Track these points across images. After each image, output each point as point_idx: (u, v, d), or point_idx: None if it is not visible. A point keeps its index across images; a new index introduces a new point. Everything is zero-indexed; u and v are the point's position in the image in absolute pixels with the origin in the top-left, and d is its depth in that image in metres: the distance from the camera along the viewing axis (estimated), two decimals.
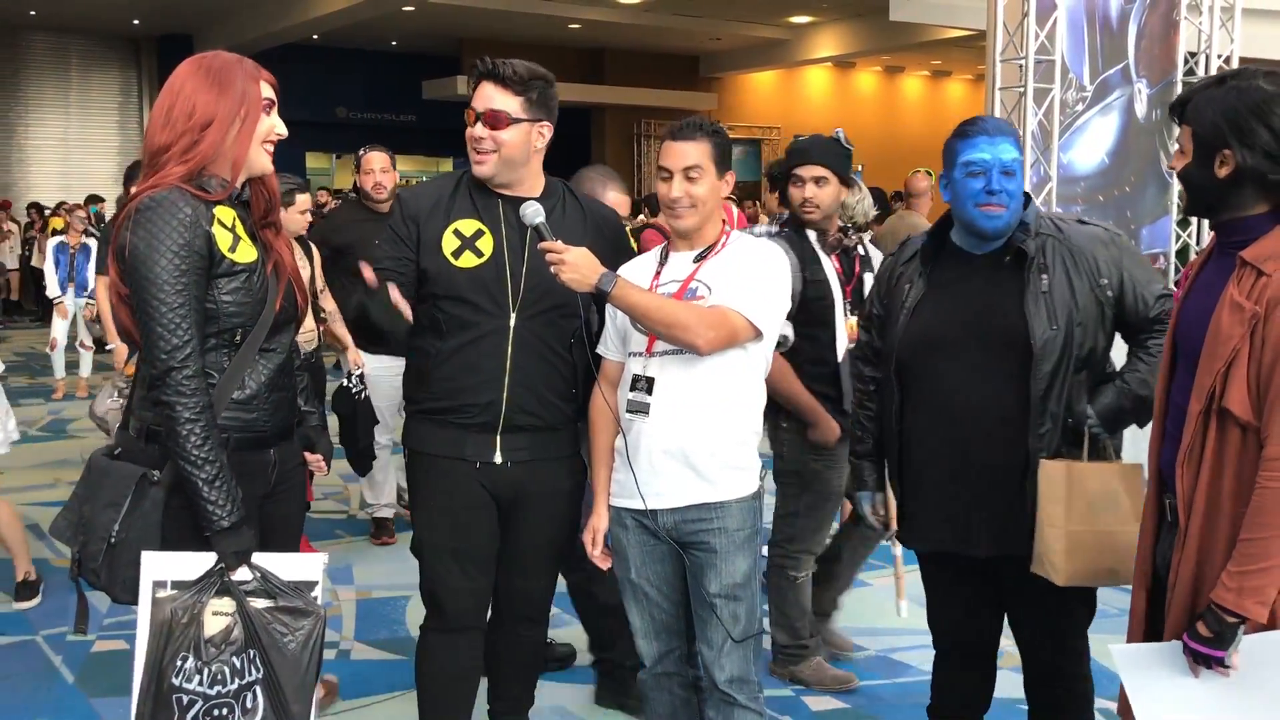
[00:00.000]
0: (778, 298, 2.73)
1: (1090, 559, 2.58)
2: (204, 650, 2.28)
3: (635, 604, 2.83)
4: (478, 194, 2.88)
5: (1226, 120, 2.13)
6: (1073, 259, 2.69)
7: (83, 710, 3.82)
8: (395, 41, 19.96)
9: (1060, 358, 2.64)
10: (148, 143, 2.43)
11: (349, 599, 4.87)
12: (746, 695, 2.72)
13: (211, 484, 2.29)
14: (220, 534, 2.31)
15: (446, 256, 2.81)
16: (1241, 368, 2.07)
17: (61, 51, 20.01)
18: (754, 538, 2.75)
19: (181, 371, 2.28)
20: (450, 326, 2.82)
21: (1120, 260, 2.70)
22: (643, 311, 2.61)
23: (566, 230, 2.85)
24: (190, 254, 2.30)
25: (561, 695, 3.86)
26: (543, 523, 2.93)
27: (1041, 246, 2.69)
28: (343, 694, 3.91)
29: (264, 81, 2.46)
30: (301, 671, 2.32)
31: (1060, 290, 2.66)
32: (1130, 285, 2.70)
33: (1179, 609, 2.16)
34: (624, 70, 21.16)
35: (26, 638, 4.43)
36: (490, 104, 2.77)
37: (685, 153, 2.70)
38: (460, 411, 2.83)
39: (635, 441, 2.71)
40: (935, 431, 2.75)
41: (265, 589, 2.34)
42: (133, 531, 2.34)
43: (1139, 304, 2.70)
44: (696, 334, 2.59)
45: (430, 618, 2.99)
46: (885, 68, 24.45)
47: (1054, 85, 7.38)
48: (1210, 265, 2.30)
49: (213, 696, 2.29)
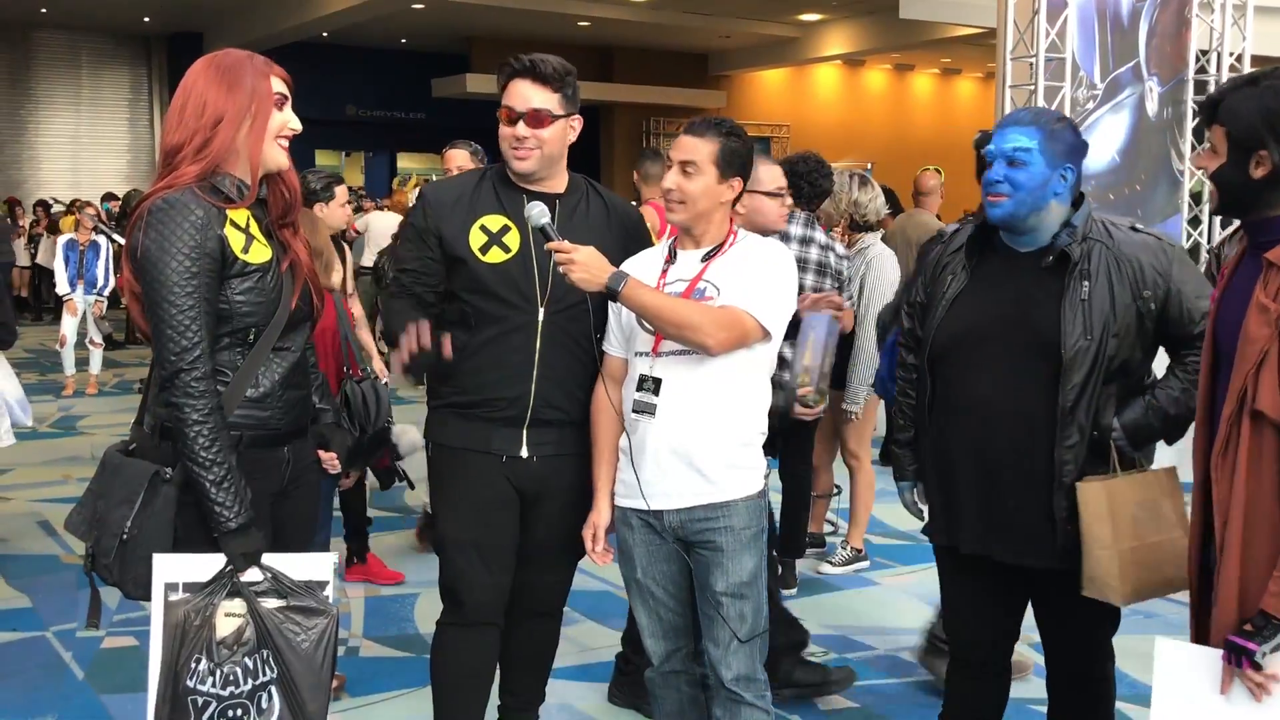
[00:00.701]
0: (787, 298, 2.72)
1: (1146, 573, 2.55)
2: (216, 652, 2.29)
3: (642, 604, 2.83)
4: (503, 189, 2.88)
5: (1264, 120, 2.12)
6: (1118, 266, 2.59)
7: (92, 706, 3.83)
8: (405, 39, 19.97)
9: (1091, 369, 2.57)
10: (163, 142, 2.44)
11: (358, 596, 4.87)
12: (753, 693, 2.72)
13: (219, 485, 2.30)
14: (228, 535, 2.31)
15: (474, 252, 2.82)
16: (1272, 369, 2.05)
17: (72, 49, 20.06)
18: (760, 536, 2.74)
19: (191, 373, 2.29)
20: (479, 321, 2.83)
21: (1170, 270, 2.60)
22: (654, 312, 2.60)
23: (589, 227, 2.86)
24: (201, 256, 2.31)
25: (569, 693, 3.86)
26: (563, 517, 2.92)
27: (1088, 251, 2.61)
28: (351, 691, 3.92)
29: (275, 77, 2.45)
30: (316, 669, 2.33)
31: (1100, 299, 2.57)
32: (1176, 298, 2.59)
33: (1225, 613, 2.13)
34: (633, 68, 21.14)
35: (36, 634, 4.44)
36: (530, 103, 2.78)
37: (687, 147, 2.70)
38: (487, 405, 2.84)
39: (641, 442, 2.70)
40: (965, 431, 2.70)
41: (276, 589, 2.33)
42: (145, 528, 2.35)
43: (1183, 317, 2.60)
44: (708, 335, 2.58)
45: (448, 612, 2.99)
46: (895, 66, 24.40)
47: (1064, 83, 7.35)
48: (1244, 266, 2.28)
49: (226, 698, 2.29)
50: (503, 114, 2.81)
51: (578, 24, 18.36)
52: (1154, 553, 2.55)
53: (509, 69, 2.82)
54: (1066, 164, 2.62)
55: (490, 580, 2.92)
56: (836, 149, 21.89)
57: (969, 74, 25.07)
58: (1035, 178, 2.60)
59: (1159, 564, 2.55)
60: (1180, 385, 2.61)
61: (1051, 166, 2.60)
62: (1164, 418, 2.62)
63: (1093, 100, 7.68)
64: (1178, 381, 2.62)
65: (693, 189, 2.68)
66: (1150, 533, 2.55)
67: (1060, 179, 2.61)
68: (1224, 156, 2.20)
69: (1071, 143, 2.65)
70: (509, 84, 2.82)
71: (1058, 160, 2.61)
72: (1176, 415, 2.61)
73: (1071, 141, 2.65)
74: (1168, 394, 2.63)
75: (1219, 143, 2.21)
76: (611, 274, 2.57)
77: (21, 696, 3.89)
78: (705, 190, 2.68)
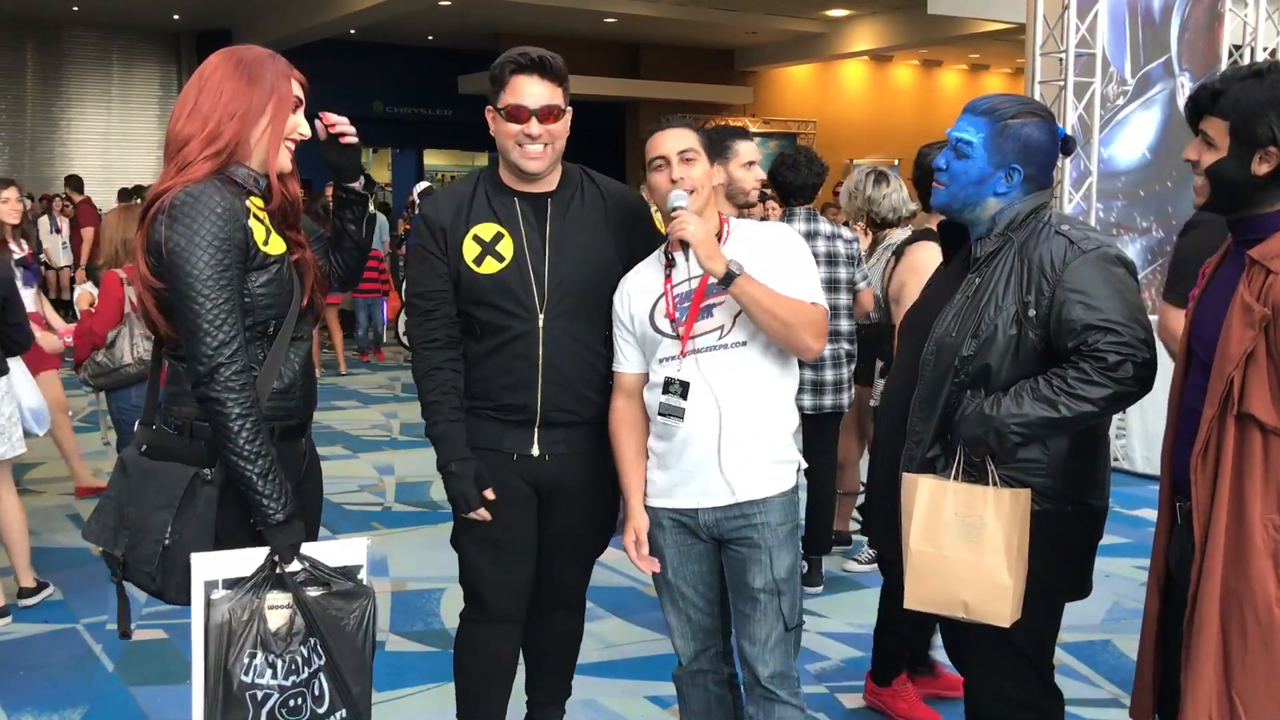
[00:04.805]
0: (816, 275, 2.75)
1: (938, 586, 2.37)
2: (274, 643, 2.27)
3: (671, 604, 2.82)
4: (494, 194, 2.86)
5: (1275, 115, 2.06)
6: (1020, 268, 2.39)
7: (122, 699, 3.86)
8: (431, 36, 20.02)
9: (947, 369, 2.42)
10: (170, 132, 2.37)
11: (384, 591, 4.89)
12: (788, 691, 2.71)
13: (265, 478, 2.28)
14: (275, 528, 2.29)
15: (469, 264, 2.81)
16: (1261, 371, 2.01)
17: (103, 47, 20.21)
18: (795, 532, 2.73)
19: (230, 367, 2.26)
20: (483, 330, 2.84)
21: (1062, 275, 2.33)
22: (769, 304, 2.58)
23: (583, 224, 2.84)
24: (231, 248, 2.27)
25: (592, 689, 3.87)
26: (580, 513, 2.93)
27: (996, 249, 2.44)
28: (378, 685, 3.91)
29: (294, 80, 2.42)
30: (359, 652, 2.34)
31: (981, 298, 2.40)
32: (1059, 306, 2.31)
33: (1207, 615, 2.10)
34: (660, 64, 21.11)
35: (67, 626, 4.48)
36: (543, 100, 2.75)
37: (677, 138, 2.68)
38: (498, 409, 2.85)
39: (671, 444, 2.69)
40: (880, 423, 2.71)
41: (316, 577, 2.34)
42: (187, 532, 2.32)
43: (1061, 328, 2.31)
44: (815, 339, 2.62)
45: (470, 609, 3.02)
46: (923, 61, 24.26)
47: (1094, 79, 7.29)
48: (1225, 264, 2.24)
49: (289, 687, 2.29)
50: (512, 112, 2.74)
51: (604, 20, 18.35)
52: (955, 568, 2.35)
53: (512, 65, 2.76)
54: (1015, 164, 2.44)
55: (509, 577, 2.93)
56: (863, 145, 21.82)
57: (997, 70, 24.89)
58: (971, 172, 2.48)
59: (956, 582, 2.35)
60: (1040, 386, 2.30)
61: (994, 164, 2.46)
62: (994, 427, 2.32)
63: (1123, 96, 7.61)
64: (1030, 388, 2.32)
65: (697, 175, 2.67)
66: (956, 547, 2.35)
67: (1004, 178, 2.46)
68: (1224, 150, 2.13)
69: (1030, 141, 2.45)
70: (512, 81, 2.76)
71: (1004, 158, 2.45)
72: (1028, 416, 2.29)
73: (1031, 140, 2.45)
74: (1004, 399, 2.34)
75: (1218, 136, 2.14)
76: (730, 259, 2.57)
77: (52, 688, 3.92)
78: (705, 174, 2.69)
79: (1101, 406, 2.29)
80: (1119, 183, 7.65)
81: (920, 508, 2.40)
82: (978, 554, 2.33)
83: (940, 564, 2.37)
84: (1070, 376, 2.29)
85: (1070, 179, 7.32)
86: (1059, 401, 2.28)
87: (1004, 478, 2.40)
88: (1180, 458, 2.23)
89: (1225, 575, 2.08)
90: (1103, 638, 4.32)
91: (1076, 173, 7.39)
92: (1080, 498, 2.47)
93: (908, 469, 2.49)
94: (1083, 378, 2.28)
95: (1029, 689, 2.54)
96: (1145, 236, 7.75)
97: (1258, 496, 2.04)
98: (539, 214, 2.84)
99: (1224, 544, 2.07)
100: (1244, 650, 2.08)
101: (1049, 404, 2.29)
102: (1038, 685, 2.55)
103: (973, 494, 2.36)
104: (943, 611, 2.42)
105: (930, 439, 2.46)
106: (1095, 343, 2.27)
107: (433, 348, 2.85)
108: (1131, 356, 2.27)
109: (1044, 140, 2.47)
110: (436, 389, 2.84)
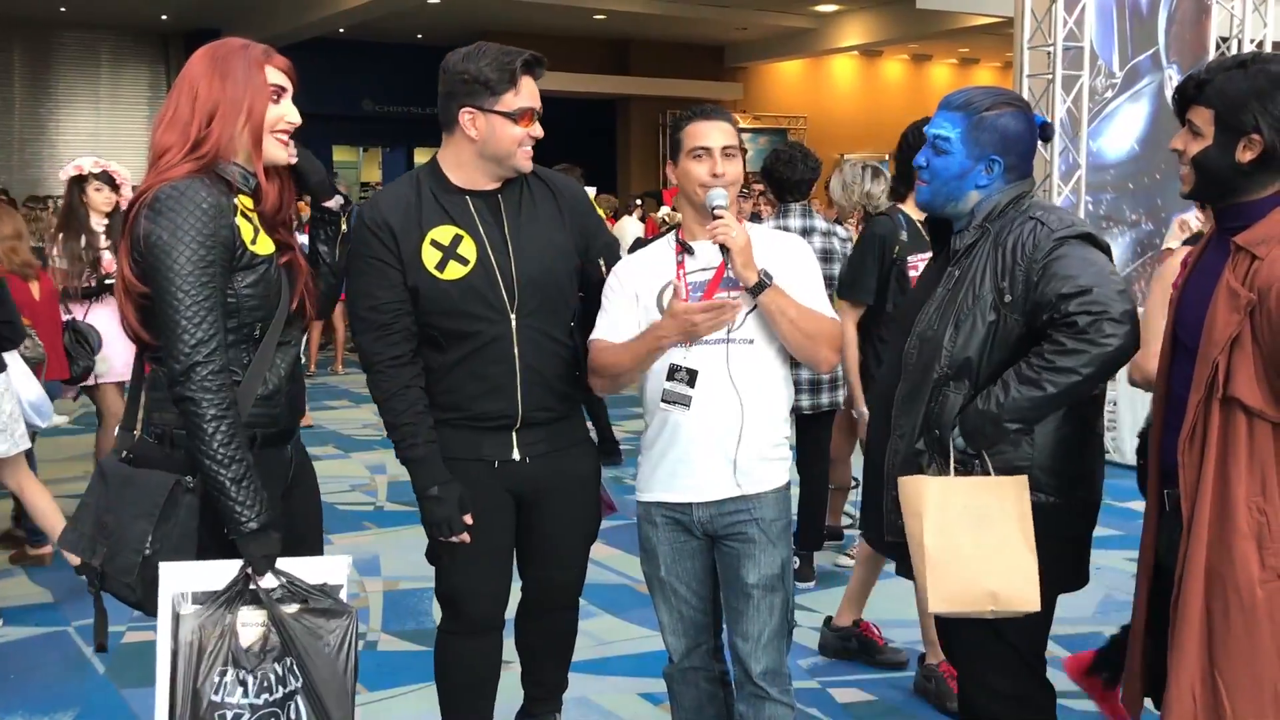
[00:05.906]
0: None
1: (962, 583, 2.33)
2: (244, 659, 2.15)
3: (664, 601, 2.81)
4: (442, 195, 2.74)
5: (1258, 103, 2.09)
6: (995, 257, 2.40)
7: (113, 701, 3.85)
8: (421, 34, 19.97)
9: (929, 362, 2.42)
10: (151, 142, 2.31)
11: (376, 590, 4.89)
12: (779, 689, 2.71)
13: (239, 484, 2.19)
14: (247, 537, 2.19)
15: (431, 272, 2.68)
16: (1246, 355, 2.03)
17: (91, 48, 20.15)
18: (788, 528, 2.73)
19: (206, 367, 2.18)
20: (449, 340, 2.72)
21: (1035, 256, 2.33)
22: (794, 315, 2.59)
23: (538, 220, 2.78)
24: (215, 245, 2.20)
25: (584, 686, 3.86)
26: (567, 512, 2.91)
27: (975, 240, 2.45)
28: (370, 685, 3.93)
29: (272, 67, 2.32)
30: (340, 676, 2.21)
31: (961, 289, 2.41)
32: (1032, 290, 2.32)
33: (1191, 596, 2.12)
34: (649, 61, 21.09)
35: (58, 629, 4.47)
36: (538, 100, 2.73)
37: (726, 132, 2.66)
38: (474, 418, 2.77)
39: (672, 433, 2.67)
40: (870, 416, 2.72)
41: (293, 593, 2.22)
42: (168, 542, 2.23)
43: (1041, 303, 2.30)
44: (834, 352, 2.67)
45: (448, 620, 2.93)
46: (912, 56, 24.28)
47: (1083, 72, 7.31)
48: (1209, 251, 2.26)
49: (260, 706, 2.16)
50: (522, 114, 2.67)
51: (593, 17, 18.34)
52: (976, 558, 2.32)
53: (525, 65, 2.67)
54: (994, 155, 2.45)
55: (488, 589, 2.87)
56: (854, 140, 21.80)
57: (987, 64, 24.92)
58: (951, 168, 2.48)
59: (980, 573, 2.32)
60: (1021, 368, 2.31)
61: (973, 158, 2.46)
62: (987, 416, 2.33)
63: (1111, 89, 7.63)
64: (1016, 371, 2.32)
65: (738, 171, 2.67)
66: (973, 536, 2.32)
67: (984, 171, 2.46)
68: (1209, 139, 2.16)
69: (1008, 132, 2.45)
70: (522, 82, 2.67)
71: (983, 151, 2.45)
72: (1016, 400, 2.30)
73: (1008, 130, 2.45)
74: (993, 388, 2.34)
75: (1204, 125, 2.17)
76: (763, 269, 2.57)
77: (43, 691, 3.91)
78: (740, 173, 2.69)
79: (1086, 373, 2.26)
80: (1108, 175, 7.67)
81: (931, 506, 2.36)
82: (996, 539, 2.32)
83: (960, 557, 2.34)
84: (1047, 351, 2.28)
85: (1059, 172, 7.34)
86: (1042, 379, 2.28)
87: (995, 469, 2.40)
88: (1168, 445, 2.24)
89: (1209, 557, 2.10)
90: (1094, 630, 4.32)
91: (1065, 166, 7.40)
92: (1070, 490, 2.47)
93: (893, 462, 2.48)
94: (1058, 349, 2.27)
95: (1021, 683, 2.54)
96: (1134, 229, 7.77)
97: (1242, 479, 2.06)
98: (494, 212, 2.75)
99: (1208, 526, 2.09)
100: (1227, 631, 2.09)
101: (1033, 384, 2.28)
102: (1030, 679, 2.56)
103: (975, 485, 2.37)
104: (971, 609, 2.36)
105: (915, 433, 2.46)
106: (1065, 309, 2.26)
107: (398, 365, 2.70)
108: (1104, 313, 2.24)
109: (1021, 129, 2.48)
110: (408, 410, 2.69)
